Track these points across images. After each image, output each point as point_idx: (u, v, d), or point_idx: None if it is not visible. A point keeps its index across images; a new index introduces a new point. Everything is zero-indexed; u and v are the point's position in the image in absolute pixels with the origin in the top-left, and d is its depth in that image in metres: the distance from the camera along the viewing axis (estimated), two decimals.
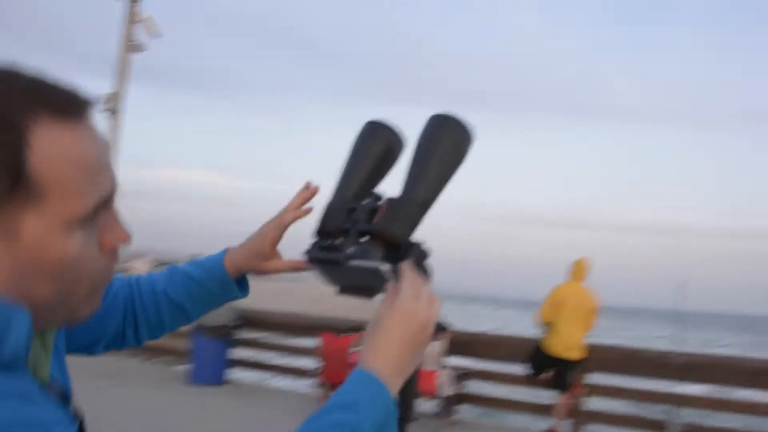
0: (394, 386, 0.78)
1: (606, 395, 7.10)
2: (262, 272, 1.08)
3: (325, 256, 0.94)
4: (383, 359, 0.78)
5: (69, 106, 0.63)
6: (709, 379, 6.75)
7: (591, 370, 6.90)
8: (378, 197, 0.97)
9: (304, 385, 8.20)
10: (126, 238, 0.69)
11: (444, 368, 6.96)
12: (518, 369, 7.07)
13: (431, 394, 6.80)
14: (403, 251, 0.90)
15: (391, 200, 0.93)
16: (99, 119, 0.67)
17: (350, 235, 0.93)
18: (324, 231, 0.98)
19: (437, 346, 6.98)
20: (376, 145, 1.03)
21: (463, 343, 7.36)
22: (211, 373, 8.25)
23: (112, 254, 0.69)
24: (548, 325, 6.72)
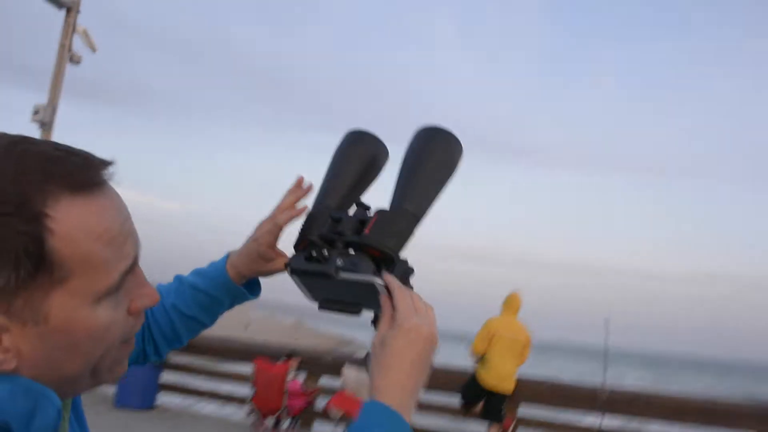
0: (410, 411, 0.76)
1: (537, 428, 7.18)
2: (266, 274, 1.04)
3: (311, 267, 0.88)
4: (398, 387, 0.76)
5: (86, 178, 0.61)
6: (634, 413, 6.91)
7: (522, 402, 6.98)
8: (366, 207, 0.93)
9: (234, 411, 7.99)
10: (155, 298, 0.68)
11: None
12: (451, 400, 7.07)
13: None
14: (392, 266, 0.86)
15: (381, 212, 0.89)
16: (115, 184, 0.66)
17: (336, 247, 0.88)
18: (306, 241, 0.93)
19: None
20: (360, 154, 1.00)
21: None
22: (138, 397, 7.97)
23: (139, 315, 0.68)
24: (481, 357, 6.78)
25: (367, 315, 0.90)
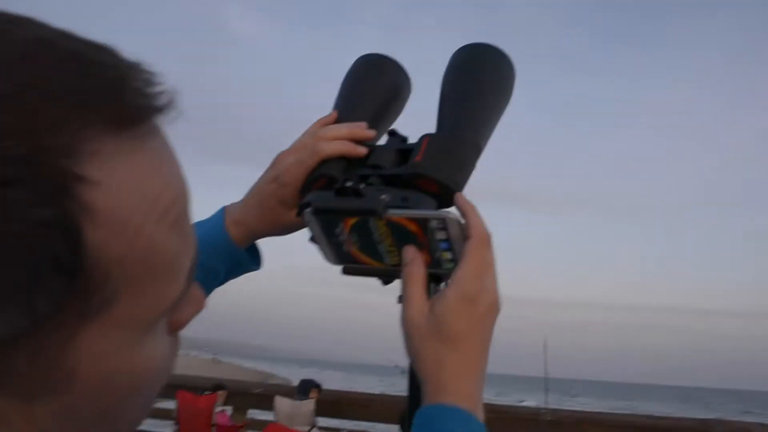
0: (480, 407, 0.58)
1: None
2: (286, 230, 0.75)
3: (345, 205, 0.62)
4: (472, 384, 0.57)
5: (143, 106, 0.33)
6: None
7: None
8: (402, 138, 0.69)
9: None
10: (203, 304, 0.44)
11: (314, 429, 6.66)
12: (390, 429, 6.95)
13: None
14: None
15: (434, 136, 0.67)
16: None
17: (370, 183, 0.64)
18: (324, 179, 0.68)
19: (309, 404, 6.71)
20: (382, 83, 0.78)
21: (332, 402, 7.10)
22: None
23: (179, 331, 0.43)
24: None
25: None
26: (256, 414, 7.49)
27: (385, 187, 0.64)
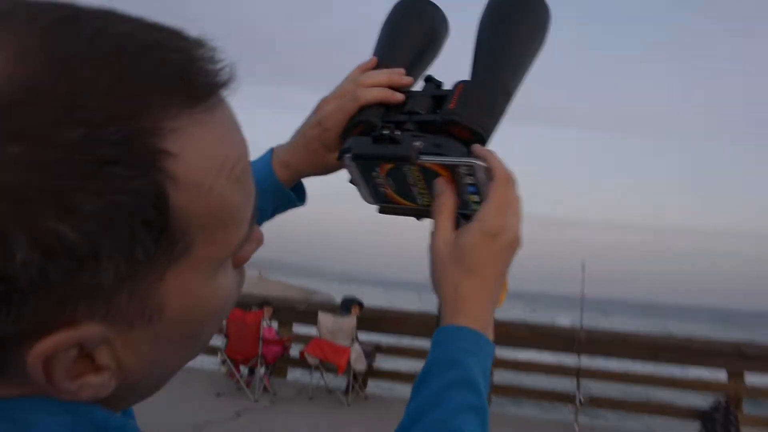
0: (491, 328, 0.66)
1: (516, 369, 7.25)
2: (329, 170, 0.81)
3: (382, 151, 0.68)
4: (486, 308, 0.64)
5: (212, 81, 0.40)
6: (612, 353, 6.99)
7: (499, 345, 6.99)
8: (438, 83, 0.75)
9: (207, 361, 7.88)
10: (261, 238, 0.50)
11: (356, 343, 6.85)
12: (427, 344, 7.07)
13: (343, 369, 6.70)
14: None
15: (467, 83, 0.71)
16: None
17: (406, 129, 0.69)
18: (362, 125, 0.73)
19: (351, 321, 6.87)
20: (420, 25, 0.81)
21: (372, 320, 7.30)
22: None
23: (243, 264, 0.49)
24: None
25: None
26: (300, 329, 7.71)
27: (420, 134, 0.68)
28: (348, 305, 7.24)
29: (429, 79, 0.76)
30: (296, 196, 0.83)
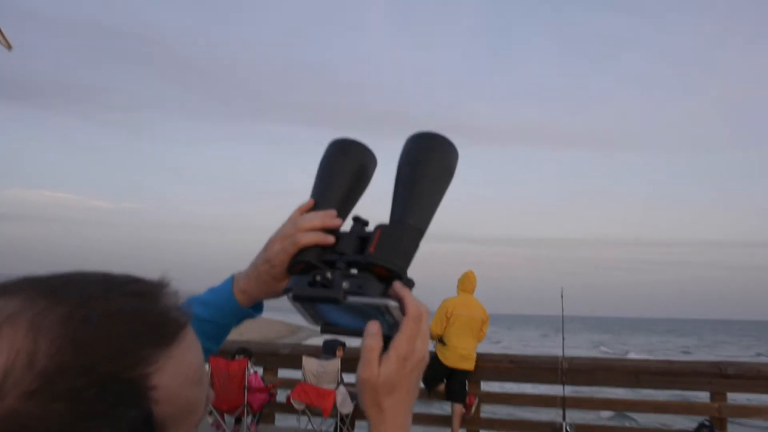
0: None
1: (499, 403, 7.26)
2: (278, 295, 0.96)
3: (317, 293, 0.81)
4: (402, 419, 0.77)
5: (176, 322, 0.56)
6: (596, 381, 7.04)
7: (484, 378, 7.02)
8: (364, 222, 0.87)
9: None
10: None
11: (341, 386, 6.85)
12: None
13: (329, 413, 6.68)
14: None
15: (384, 228, 0.83)
16: None
17: (338, 267, 0.82)
18: (303, 264, 0.87)
19: (335, 363, 6.86)
20: (348, 164, 0.94)
21: (357, 360, 7.21)
22: None
23: None
24: (440, 338, 6.77)
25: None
26: (285, 373, 7.70)
27: (348, 274, 0.82)
28: (332, 348, 7.24)
29: (356, 219, 0.88)
30: (253, 308, 1.00)
